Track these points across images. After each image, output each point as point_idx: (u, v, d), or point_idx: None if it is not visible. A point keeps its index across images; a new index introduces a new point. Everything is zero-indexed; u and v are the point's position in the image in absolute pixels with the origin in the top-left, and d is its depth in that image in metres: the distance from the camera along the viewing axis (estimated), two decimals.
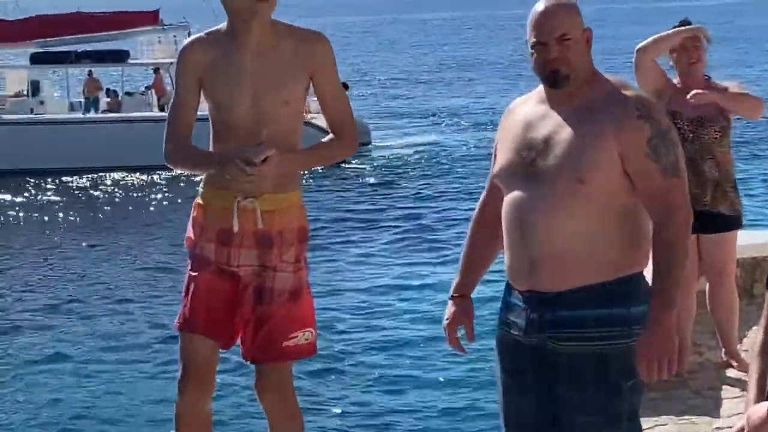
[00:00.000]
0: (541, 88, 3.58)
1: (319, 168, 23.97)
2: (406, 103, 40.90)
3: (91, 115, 26.85)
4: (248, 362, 3.92)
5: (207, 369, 3.90)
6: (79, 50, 26.72)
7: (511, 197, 3.51)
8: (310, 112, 3.55)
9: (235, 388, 10.65)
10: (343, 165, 24.89)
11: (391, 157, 27.63)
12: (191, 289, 3.89)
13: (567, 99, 3.48)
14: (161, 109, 26.71)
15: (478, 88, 45.19)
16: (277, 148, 3.67)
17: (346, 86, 28.31)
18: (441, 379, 11.70)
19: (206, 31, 3.93)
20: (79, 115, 26.60)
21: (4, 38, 27.37)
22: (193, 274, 3.90)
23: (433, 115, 36.45)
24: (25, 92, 27.61)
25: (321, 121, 4.43)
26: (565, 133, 3.43)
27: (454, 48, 69.78)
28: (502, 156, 3.57)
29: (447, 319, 3.73)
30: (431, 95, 43.16)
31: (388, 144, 29.78)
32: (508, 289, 3.59)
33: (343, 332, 13.36)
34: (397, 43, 76.64)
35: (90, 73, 27.90)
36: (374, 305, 14.50)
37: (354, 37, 78.63)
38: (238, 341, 3.95)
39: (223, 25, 3.89)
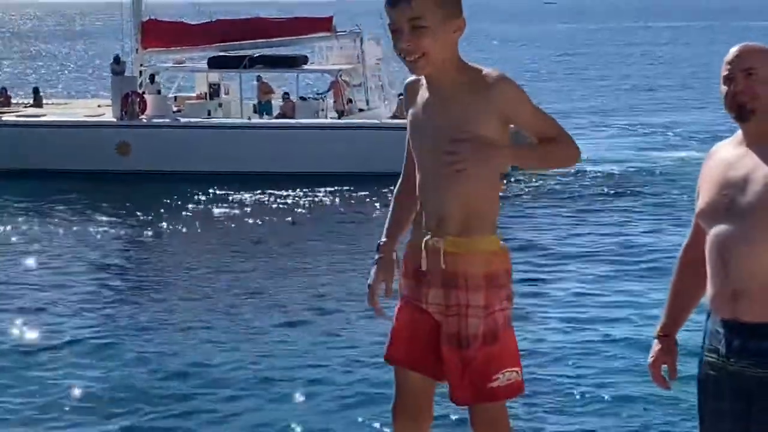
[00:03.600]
0: (740, 131, 3.80)
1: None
2: (612, 115, 39.04)
3: (262, 120, 27.08)
4: (455, 404, 3.93)
5: (418, 400, 3.96)
6: (254, 55, 27.09)
7: (713, 233, 3.74)
8: None
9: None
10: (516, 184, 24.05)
11: (590, 174, 25.99)
12: (396, 320, 3.98)
13: (762, 136, 3.69)
14: (340, 114, 26.99)
15: (696, 104, 42.72)
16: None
17: None
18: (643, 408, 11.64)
19: None
20: (244, 120, 26.83)
21: (187, 42, 28.03)
22: (399, 305, 3.99)
23: (646, 131, 34.64)
24: (204, 95, 28.23)
25: None
26: (763, 169, 3.65)
27: (669, 58, 67.66)
28: (705, 196, 3.81)
29: (652, 357, 4.03)
30: (648, 108, 41.23)
31: (588, 159, 27.52)
32: (711, 316, 3.80)
33: (549, 364, 13.06)
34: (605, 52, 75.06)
35: (258, 78, 28.27)
36: (572, 335, 14.01)
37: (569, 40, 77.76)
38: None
39: None
